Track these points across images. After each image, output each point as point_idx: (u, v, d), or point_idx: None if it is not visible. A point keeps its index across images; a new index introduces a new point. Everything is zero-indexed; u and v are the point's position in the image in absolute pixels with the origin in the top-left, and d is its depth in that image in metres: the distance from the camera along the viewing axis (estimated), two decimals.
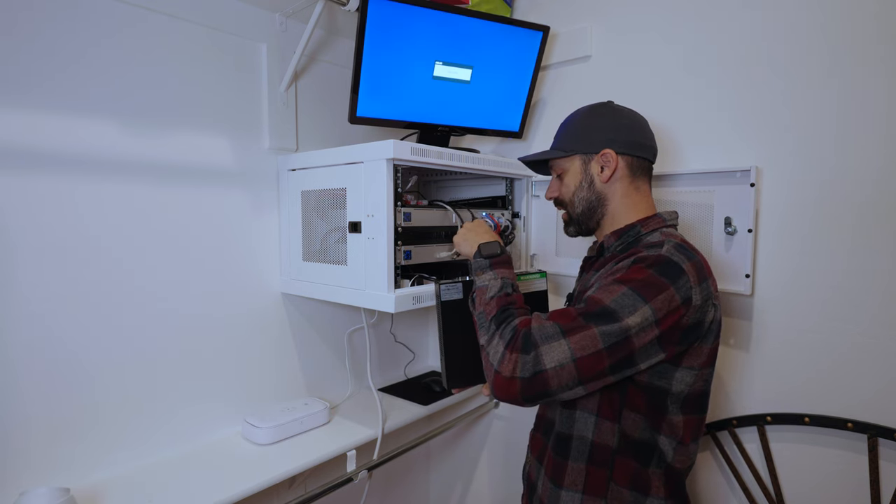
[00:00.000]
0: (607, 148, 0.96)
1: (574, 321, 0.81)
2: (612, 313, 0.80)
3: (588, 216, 1.00)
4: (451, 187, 1.65)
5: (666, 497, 0.89)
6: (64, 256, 1.02)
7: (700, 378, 0.88)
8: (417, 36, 1.23)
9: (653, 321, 0.80)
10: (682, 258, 0.84)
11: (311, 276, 1.32)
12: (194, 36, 1.20)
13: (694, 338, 0.85)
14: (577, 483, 0.90)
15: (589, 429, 0.90)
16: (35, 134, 0.98)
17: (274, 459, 1.18)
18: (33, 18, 0.98)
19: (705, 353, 0.87)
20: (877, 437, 1.06)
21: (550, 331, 0.81)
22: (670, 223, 0.96)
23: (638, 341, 0.80)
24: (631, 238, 0.95)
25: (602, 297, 0.82)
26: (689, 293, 0.82)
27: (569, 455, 0.92)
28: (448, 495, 1.94)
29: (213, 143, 1.25)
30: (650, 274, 0.82)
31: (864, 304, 1.08)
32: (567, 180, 1.01)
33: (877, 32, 1.05)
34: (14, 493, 0.95)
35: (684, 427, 0.88)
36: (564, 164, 1.02)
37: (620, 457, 0.88)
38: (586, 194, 0.99)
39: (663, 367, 0.85)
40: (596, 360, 0.79)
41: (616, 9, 1.40)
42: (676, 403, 0.87)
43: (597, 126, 0.98)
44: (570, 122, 1.04)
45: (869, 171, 1.06)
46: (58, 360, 1.03)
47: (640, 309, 0.79)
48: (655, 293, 0.80)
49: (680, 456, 0.89)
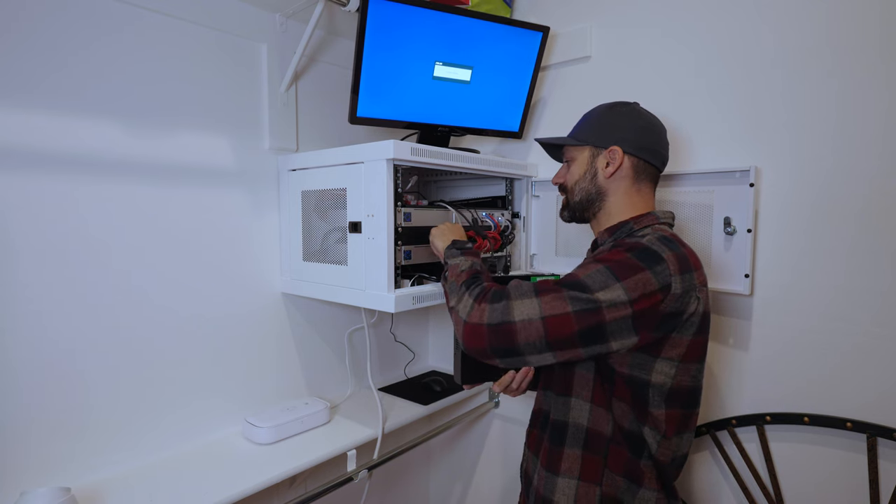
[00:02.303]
0: (616, 145, 0.97)
1: (548, 286, 0.86)
2: (585, 286, 0.83)
3: (584, 206, 1.03)
4: (451, 187, 1.65)
5: (659, 489, 0.89)
6: (63, 256, 1.03)
7: (684, 372, 0.88)
8: (417, 36, 1.23)
9: (626, 300, 0.81)
10: (662, 248, 0.86)
11: (311, 276, 1.32)
12: (195, 36, 1.20)
13: (671, 327, 0.85)
14: (572, 469, 0.92)
15: (584, 416, 0.92)
16: (34, 133, 0.99)
17: (274, 459, 1.18)
18: (33, 18, 0.98)
19: (684, 344, 0.87)
20: (876, 437, 1.06)
21: (524, 288, 0.87)
22: (663, 221, 0.97)
23: (609, 315, 0.81)
24: (623, 235, 0.97)
25: (577, 273, 0.87)
26: (668, 280, 0.83)
27: (564, 442, 0.93)
28: (448, 495, 1.94)
29: (214, 144, 1.25)
30: (627, 257, 0.85)
31: (864, 304, 1.08)
32: (573, 169, 1.04)
33: (876, 32, 1.05)
34: (14, 493, 0.96)
35: (666, 421, 0.88)
36: (575, 152, 1.04)
37: (614, 445, 0.90)
38: (587, 185, 1.01)
39: (642, 358, 0.86)
40: (563, 321, 0.82)
41: (616, 9, 1.40)
42: (659, 396, 0.87)
43: (613, 123, 1.00)
44: (591, 114, 1.06)
45: (868, 170, 1.06)
46: (58, 359, 1.03)
47: (611, 286, 0.82)
48: (629, 274, 0.83)
49: (663, 449, 0.89)
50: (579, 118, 1.07)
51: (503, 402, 1.77)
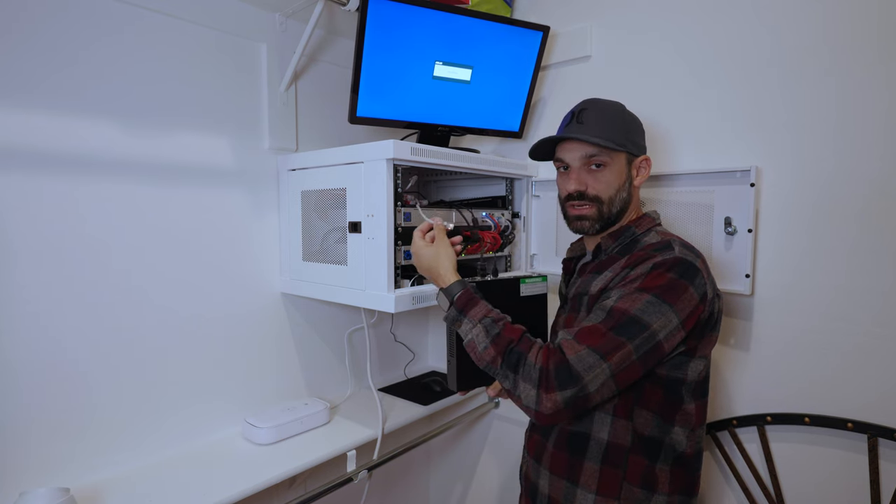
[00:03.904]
0: (645, 154, 0.99)
1: (608, 339, 0.81)
2: (640, 322, 0.81)
3: (617, 217, 0.97)
4: (451, 187, 1.65)
5: (670, 493, 0.90)
6: (63, 256, 1.02)
7: (708, 364, 0.93)
8: (417, 36, 1.23)
9: (678, 323, 0.83)
10: (692, 256, 0.88)
11: (311, 276, 1.32)
12: (194, 36, 1.20)
13: (709, 329, 0.90)
14: (590, 483, 0.91)
15: (605, 429, 0.91)
16: (34, 133, 0.98)
17: (274, 459, 1.18)
18: (33, 18, 0.98)
19: (714, 340, 0.92)
20: (877, 437, 1.06)
21: (590, 360, 0.80)
22: (658, 222, 1.00)
23: (668, 346, 0.83)
24: (627, 240, 0.96)
25: (627, 308, 0.83)
26: (704, 289, 0.86)
27: (585, 454, 0.92)
28: (448, 495, 1.94)
29: (213, 143, 1.25)
30: (670, 278, 0.84)
31: (865, 304, 1.08)
32: (608, 177, 0.95)
33: (875, 31, 1.05)
34: (14, 493, 0.95)
35: (696, 413, 0.91)
36: (606, 157, 0.94)
37: (633, 455, 0.90)
38: (625, 195, 0.97)
39: (679, 360, 0.88)
40: (631, 369, 0.82)
41: (616, 9, 1.40)
42: (689, 392, 0.90)
43: (635, 129, 0.99)
44: (612, 115, 0.97)
45: (869, 170, 1.06)
46: (57, 360, 1.02)
47: (666, 314, 0.82)
48: (678, 296, 0.83)
49: (692, 442, 0.92)
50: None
51: (503, 402, 1.77)
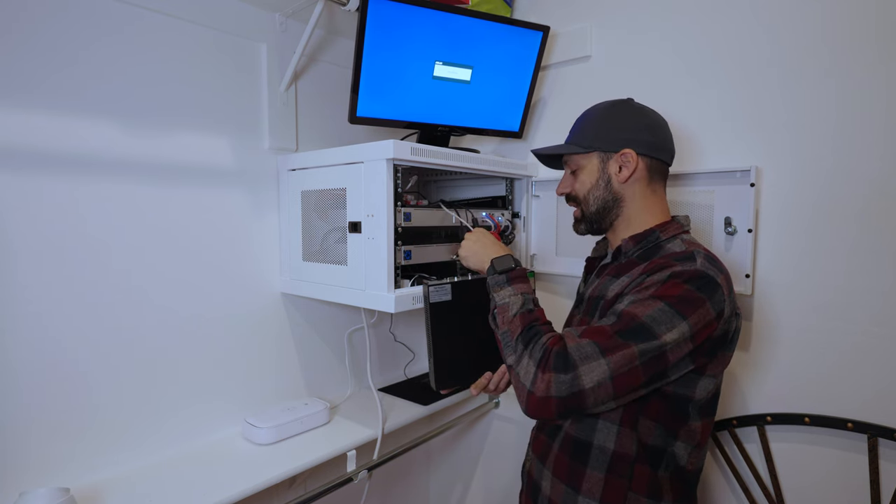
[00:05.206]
0: (628, 148, 0.93)
1: (612, 339, 0.80)
2: (649, 329, 0.79)
3: (602, 216, 0.98)
4: (451, 187, 1.65)
5: (673, 500, 0.89)
6: (63, 256, 1.02)
7: (718, 383, 0.89)
8: (417, 36, 1.23)
9: (688, 336, 0.80)
10: (715, 271, 0.84)
11: (311, 276, 1.32)
12: (194, 36, 1.20)
13: (721, 348, 0.86)
14: (594, 492, 0.89)
15: (611, 439, 0.88)
16: (34, 133, 0.98)
17: (274, 459, 1.17)
18: (33, 18, 0.98)
19: (727, 359, 0.89)
20: (877, 437, 1.06)
21: (589, 350, 0.80)
22: (687, 229, 0.96)
23: (673, 357, 0.80)
24: (650, 244, 0.93)
25: (637, 312, 0.81)
26: (722, 306, 0.83)
27: (587, 462, 0.90)
28: (448, 495, 1.94)
29: (213, 143, 1.25)
30: (687, 289, 0.81)
31: (865, 304, 1.08)
32: (583, 177, 0.98)
33: (875, 31, 1.05)
34: (14, 494, 0.95)
35: (702, 431, 0.89)
36: (581, 160, 0.98)
37: (638, 464, 0.88)
38: (602, 193, 0.96)
39: (688, 378, 0.85)
40: (632, 375, 0.79)
41: (616, 9, 1.40)
42: (697, 410, 0.87)
43: (617, 124, 0.96)
44: (588, 117, 1.00)
45: (869, 170, 1.06)
46: (57, 360, 1.02)
47: (677, 325, 0.79)
48: (693, 309, 0.80)
49: (693, 458, 0.89)
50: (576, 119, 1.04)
51: (503, 402, 1.77)
